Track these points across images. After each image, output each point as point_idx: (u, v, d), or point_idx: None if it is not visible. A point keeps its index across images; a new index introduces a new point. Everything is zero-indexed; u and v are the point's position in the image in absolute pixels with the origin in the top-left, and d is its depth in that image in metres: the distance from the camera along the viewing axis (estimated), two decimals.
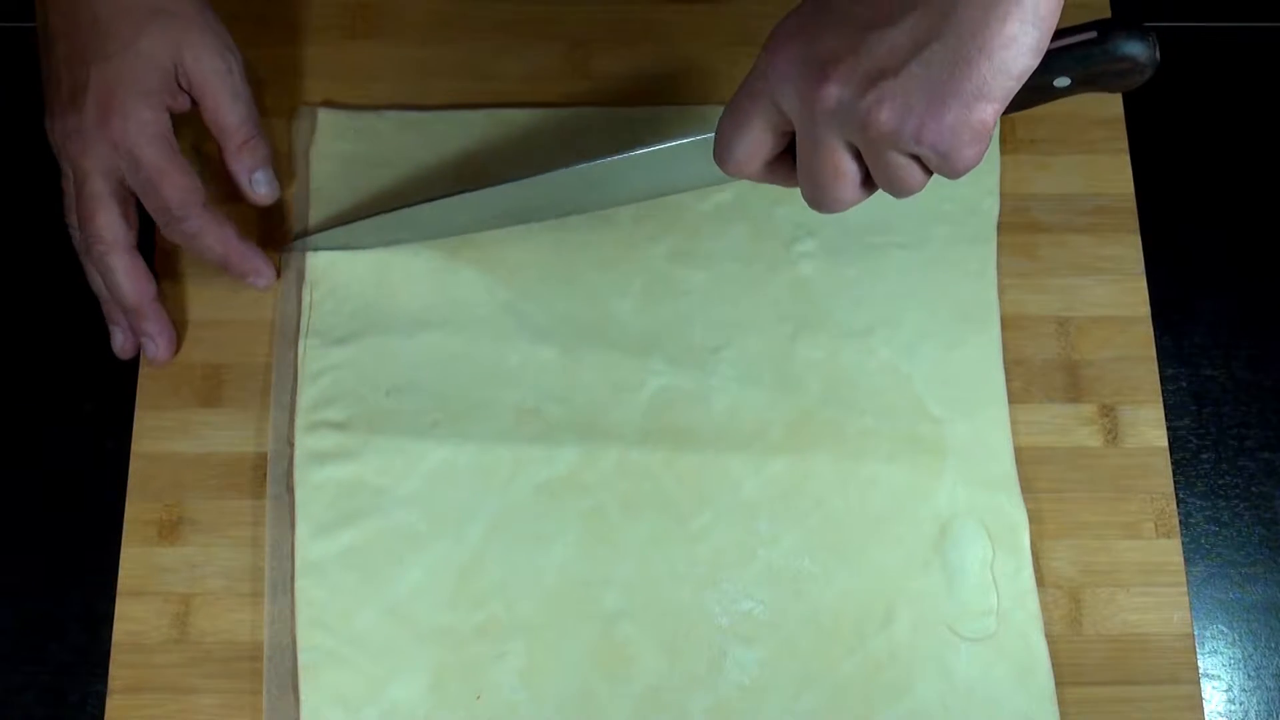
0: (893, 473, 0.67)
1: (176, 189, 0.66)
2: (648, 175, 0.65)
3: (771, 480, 0.67)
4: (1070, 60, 0.55)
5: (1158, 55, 0.55)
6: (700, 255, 0.71)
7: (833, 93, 0.51)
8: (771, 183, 0.58)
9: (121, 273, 0.67)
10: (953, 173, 0.52)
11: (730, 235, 0.71)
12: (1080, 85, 0.57)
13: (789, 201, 0.71)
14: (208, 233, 0.67)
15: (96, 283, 0.69)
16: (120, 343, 0.70)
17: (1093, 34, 0.55)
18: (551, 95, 0.75)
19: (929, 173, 0.54)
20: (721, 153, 0.57)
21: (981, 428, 0.68)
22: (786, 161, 0.57)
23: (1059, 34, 0.52)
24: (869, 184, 0.55)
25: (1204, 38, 0.78)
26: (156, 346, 0.69)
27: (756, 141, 0.56)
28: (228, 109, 0.69)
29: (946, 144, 0.51)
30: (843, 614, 0.65)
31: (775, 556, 0.66)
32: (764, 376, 0.69)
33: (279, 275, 0.71)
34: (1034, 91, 0.55)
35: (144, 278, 0.68)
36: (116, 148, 0.65)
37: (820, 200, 0.56)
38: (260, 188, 0.70)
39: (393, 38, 0.76)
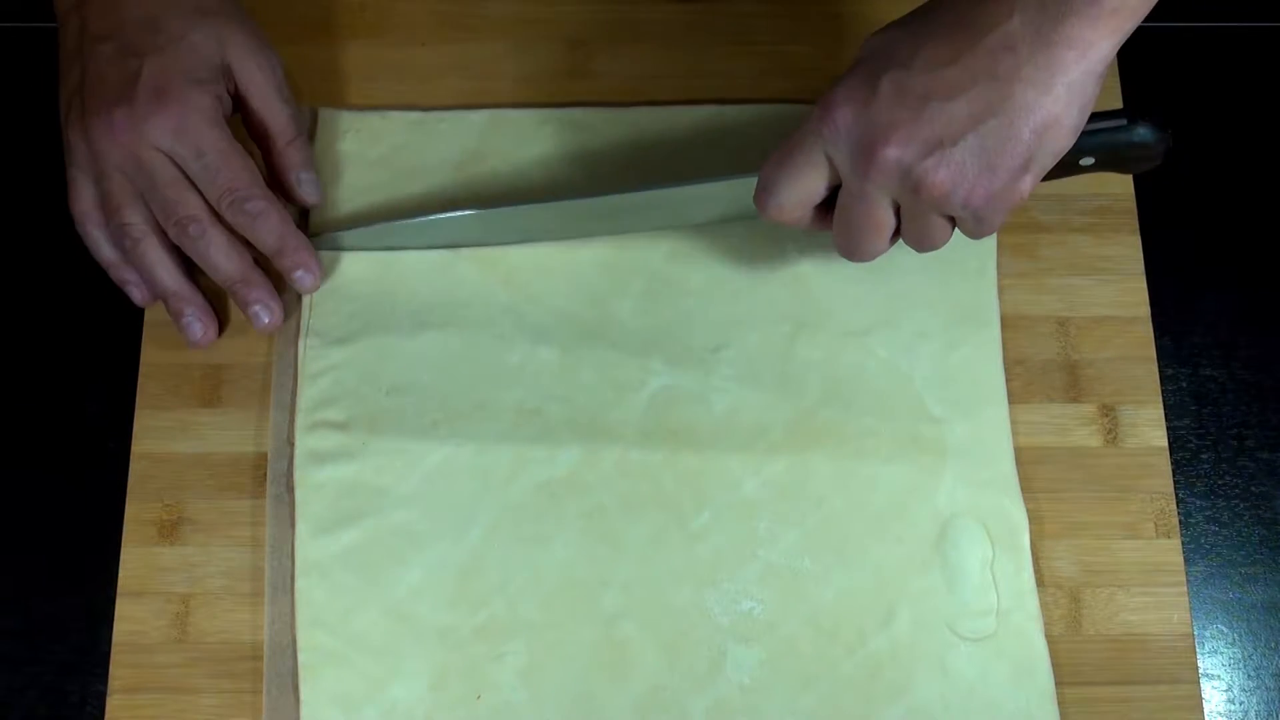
0: (893, 473, 0.67)
1: (243, 170, 0.67)
2: (672, 210, 0.68)
3: (771, 480, 0.67)
4: (1098, 142, 0.61)
5: (1170, 144, 0.62)
6: (700, 255, 0.71)
7: (891, 155, 0.56)
8: (805, 228, 0.63)
9: (225, 247, 0.67)
10: (981, 234, 0.59)
11: (730, 235, 0.71)
12: (1101, 165, 0.63)
13: None
14: (270, 214, 0.67)
15: (150, 274, 0.68)
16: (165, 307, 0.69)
17: (1122, 121, 0.61)
18: (552, 95, 0.75)
19: (952, 230, 0.60)
20: (765, 198, 0.62)
21: (981, 428, 0.68)
22: (821, 211, 0.62)
23: (1091, 118, 0.57)
24: (895, 236, 0.61)
25: (1204, 38, 0.78)
26: (271, 312, 0.68)
27: (803, 191, 0.61)
28: (276, 109, 0.69)
29: (988, 210, 0.57)
30: (842, 614, 0.65)
31: (775, 556, 0.66)
32: (764, 376, 0.69)
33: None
34: (1062, 168, 0.60)
35: (241, 247, 0.68)
36: (175, 133, 0.65)
37: (853, 249, 0.62)
38: (307, 187, 0.70)
39: (392, 37, 0.76)
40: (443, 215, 0.69)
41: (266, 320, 0.68)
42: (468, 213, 0.69)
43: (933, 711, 0.63)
